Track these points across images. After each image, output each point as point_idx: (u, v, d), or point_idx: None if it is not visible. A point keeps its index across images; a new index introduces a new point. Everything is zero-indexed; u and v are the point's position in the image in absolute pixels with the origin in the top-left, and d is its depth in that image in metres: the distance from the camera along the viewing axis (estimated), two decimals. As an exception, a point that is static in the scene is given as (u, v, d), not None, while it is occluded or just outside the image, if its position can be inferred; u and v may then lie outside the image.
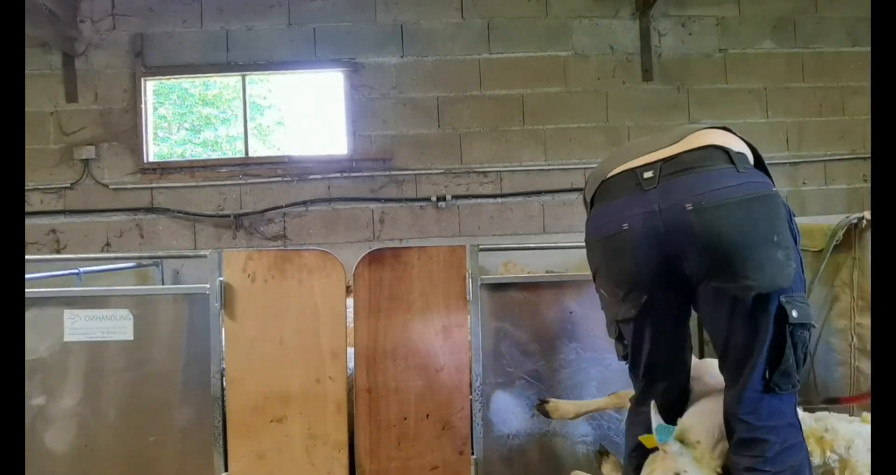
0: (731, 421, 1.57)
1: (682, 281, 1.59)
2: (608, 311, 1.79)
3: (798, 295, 1.49)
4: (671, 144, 1.61)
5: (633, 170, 1.62)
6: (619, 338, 1.80)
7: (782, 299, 1.46)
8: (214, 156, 6.64)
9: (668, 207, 1.52)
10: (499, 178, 5.41)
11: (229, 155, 6.42)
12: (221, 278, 2.52)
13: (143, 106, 5.27)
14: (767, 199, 1.49)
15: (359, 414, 2.52)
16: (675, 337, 1.75)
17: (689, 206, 1.49)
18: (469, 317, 2.55)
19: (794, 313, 1.45)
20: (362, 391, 2.52)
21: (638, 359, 1.76)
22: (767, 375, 1.49)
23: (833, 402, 1.99)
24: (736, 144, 1.59)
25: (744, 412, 1.53)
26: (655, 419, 1.78)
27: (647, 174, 1.58)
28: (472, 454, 2.53)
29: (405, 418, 2.53)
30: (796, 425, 1.53)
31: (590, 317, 2.17)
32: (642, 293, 1.64)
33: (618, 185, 1.65)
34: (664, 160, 1.58)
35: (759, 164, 1.63)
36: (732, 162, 1.52)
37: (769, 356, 1.49)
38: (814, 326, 1.53)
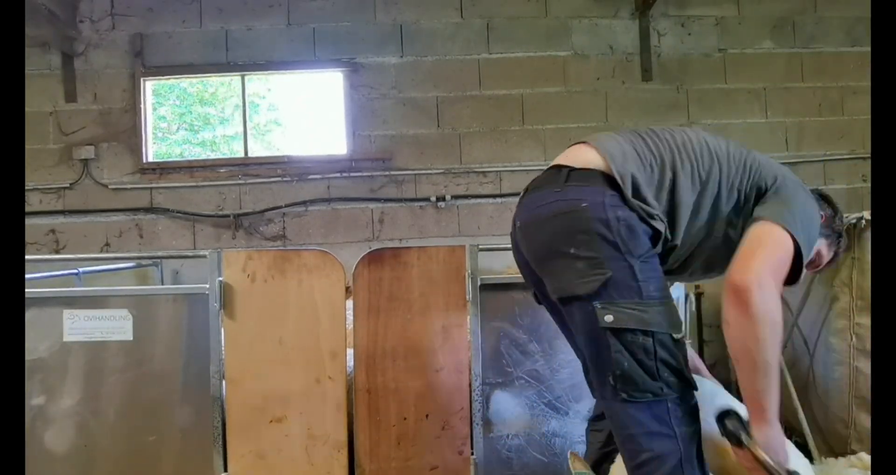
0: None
1: None
2: None
3: (625, 301, 1.49)
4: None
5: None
6: None
7: (597, 305, 1.50)
8: (214, 156, 6.64)
9: (517, 222, 1.79)
10: (498, 178, 5.41)
11: (228, 155, 6.42)
12: (221, 278, 2.52)
13: (142, 106, 5.27)
14: (569, 214, 1.59)
15: (358, 414, 2.52)
16: None
17: (518, 223, 1.77)
18: (468, 317, 2.55)
19: (608, 317, 1.48)
20: (362, 391, 2.52)
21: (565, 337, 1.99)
22: (610, 380, 1.49)
23: None
24: (583, 160, 1.71)
25: (607, 416, 1.60)
26: (575, 467, 1.89)
27: (523, 192, 1.85)
28: (472, 454, 2.53)
29: (405, 418, 2.53)
30: (664, 434, 1.46)
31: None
32: (531, 288, 1.94)
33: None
34: (533, 180, 1.85)
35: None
36: (557, 181, 1.68)
37: (595, 360, 1.55)
38: (657, 333, 1.47)
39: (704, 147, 1.67)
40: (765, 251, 1.48)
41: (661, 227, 1.56)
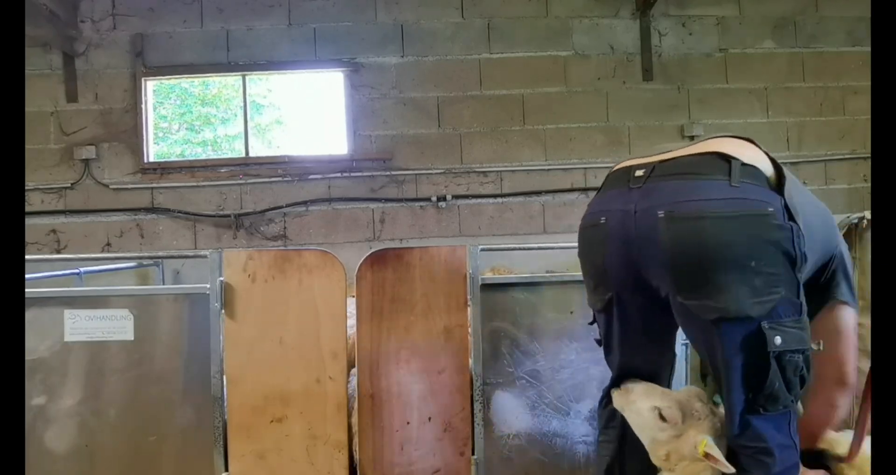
0: (730, 443, 1.52)
1: (651, 287, 1.53)
2: (587, 296, 1.80)
3: (788, 320, 1.39)
4: (681, 148, 1.55)
5: (631, 166, 1.58)
6: (595, 322, 1.81)
7: (764, 325, 1.37)
8: (214, 155, 6.65)
9: (643, 210, 1.46)
10: (499, 178, 5.41)
11: (229, 155, 6.43)
12: (221, 278, 2.51)
13: (143, 106, 5.28)
14: (754, 219, 1.37)
15: (362, 420, 2.51)
16: (649, 344, 1.69)
17: (661, 213, 1.42)
18: (470, 317, 2.55)
19: (778, 340, 1.37)
20: (365, 397, 2.51)
21: (609, 348, 1.75)
22: (751, 396, 1.42)
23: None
24: (749, 156, 1.46)
25: (735, 434, 1.48)
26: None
27: (639, 172, 1.52)
28: (473, 455, 2.53)
29: (408, 422, 2.53)
30: (790, 446, 1.46)
31: (591, 318, 2.19)
32: (608, 290, 1.63)
33: (615, 178, 1.62)
34: (662, 161, 1.51)
35: (781, 183, 1.48)
36: (729, 174, 1.41)
37: (747, 381, 1.42)
38: (812, 349, 1.45)
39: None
40: (854, 351, 1.69)
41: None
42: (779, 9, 5.56)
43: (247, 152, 5.46)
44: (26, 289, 2.08)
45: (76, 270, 3.60)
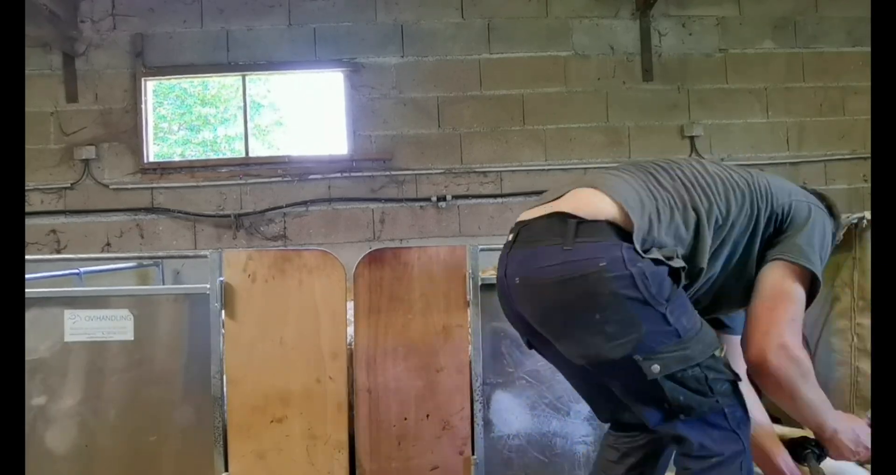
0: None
1: None
2: None
3: (664, 347, 1.43)
4: (545, 202, 1.62)
5: (515, 224, 1.68)
6: None
7: (637, 358, 1.42)
8: (214, 156, 6.65)
9: (509, 275, 1.61)
10: (499, 178, 5.42)
11: (229, 155, 6.43)
12: (222, 278, 2.52)
13: (143, 106, 5.28)
14: (584, 278, 1.45)
15: (359, 414, 2.52)
16: (589, 385, 1.75)
17: (517, 280, 1.57)
18: (469, 316, 2.55)
19: (655, 368, 1.42)
20: (362, 391, 2.52)
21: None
22: (667, 407, 1.46)
23: None
24: (590, 210, 1.51)
25: (665, 435, 1.53)
26: None
27: (510, 237, 1.65)
28: (473, 454, 2.53)
29: (405, 418, 2.53)
30: (729, 437, 1.49)
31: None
32: (523, 336, 1.76)
33: (509, 237, 1.71)
34: (524, 224, 1.62)
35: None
36: (563, 235, 1.49)
37: (642, 401, 1.49)
38: (711, 357, 1.47)
39: (717, 180, 1.60)
40: (777, 314, 1.53)
41: (679, 264, 1.49)
42: (779, 9, 5.56)
43: (247, 152, 5.47)
44: (26, 290, 2.08)
45: (76, 270, 3.60)
